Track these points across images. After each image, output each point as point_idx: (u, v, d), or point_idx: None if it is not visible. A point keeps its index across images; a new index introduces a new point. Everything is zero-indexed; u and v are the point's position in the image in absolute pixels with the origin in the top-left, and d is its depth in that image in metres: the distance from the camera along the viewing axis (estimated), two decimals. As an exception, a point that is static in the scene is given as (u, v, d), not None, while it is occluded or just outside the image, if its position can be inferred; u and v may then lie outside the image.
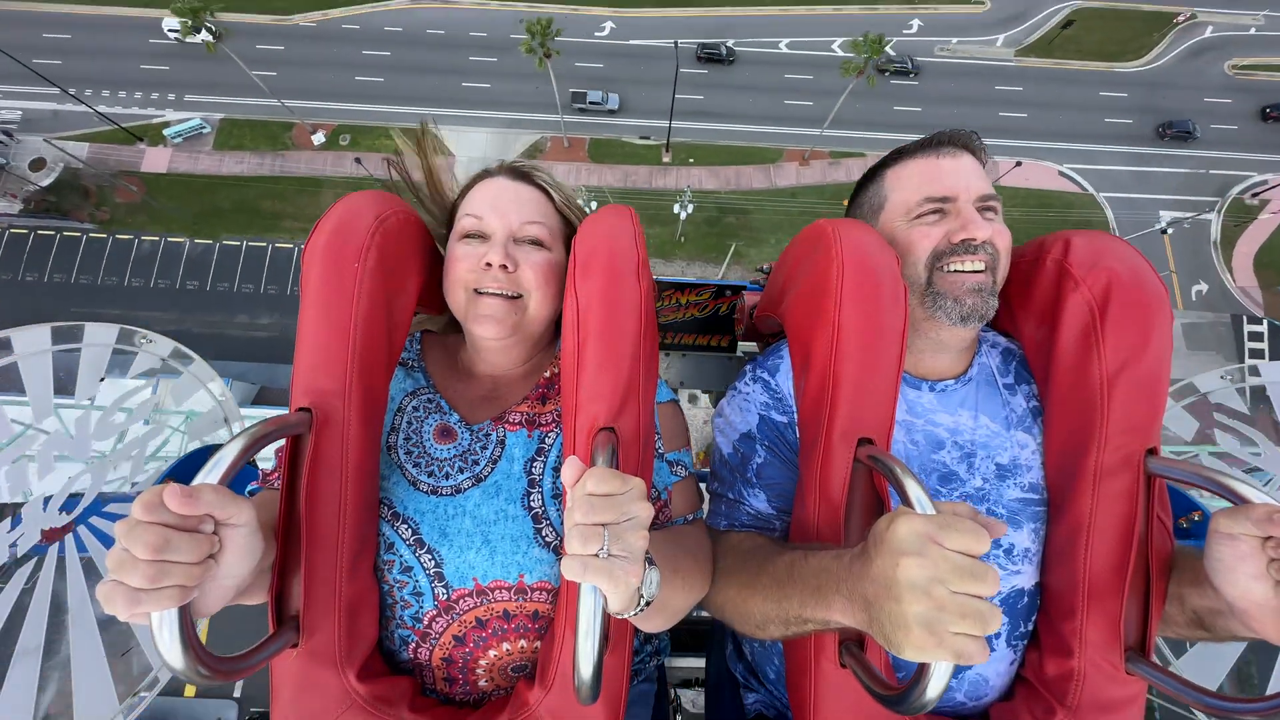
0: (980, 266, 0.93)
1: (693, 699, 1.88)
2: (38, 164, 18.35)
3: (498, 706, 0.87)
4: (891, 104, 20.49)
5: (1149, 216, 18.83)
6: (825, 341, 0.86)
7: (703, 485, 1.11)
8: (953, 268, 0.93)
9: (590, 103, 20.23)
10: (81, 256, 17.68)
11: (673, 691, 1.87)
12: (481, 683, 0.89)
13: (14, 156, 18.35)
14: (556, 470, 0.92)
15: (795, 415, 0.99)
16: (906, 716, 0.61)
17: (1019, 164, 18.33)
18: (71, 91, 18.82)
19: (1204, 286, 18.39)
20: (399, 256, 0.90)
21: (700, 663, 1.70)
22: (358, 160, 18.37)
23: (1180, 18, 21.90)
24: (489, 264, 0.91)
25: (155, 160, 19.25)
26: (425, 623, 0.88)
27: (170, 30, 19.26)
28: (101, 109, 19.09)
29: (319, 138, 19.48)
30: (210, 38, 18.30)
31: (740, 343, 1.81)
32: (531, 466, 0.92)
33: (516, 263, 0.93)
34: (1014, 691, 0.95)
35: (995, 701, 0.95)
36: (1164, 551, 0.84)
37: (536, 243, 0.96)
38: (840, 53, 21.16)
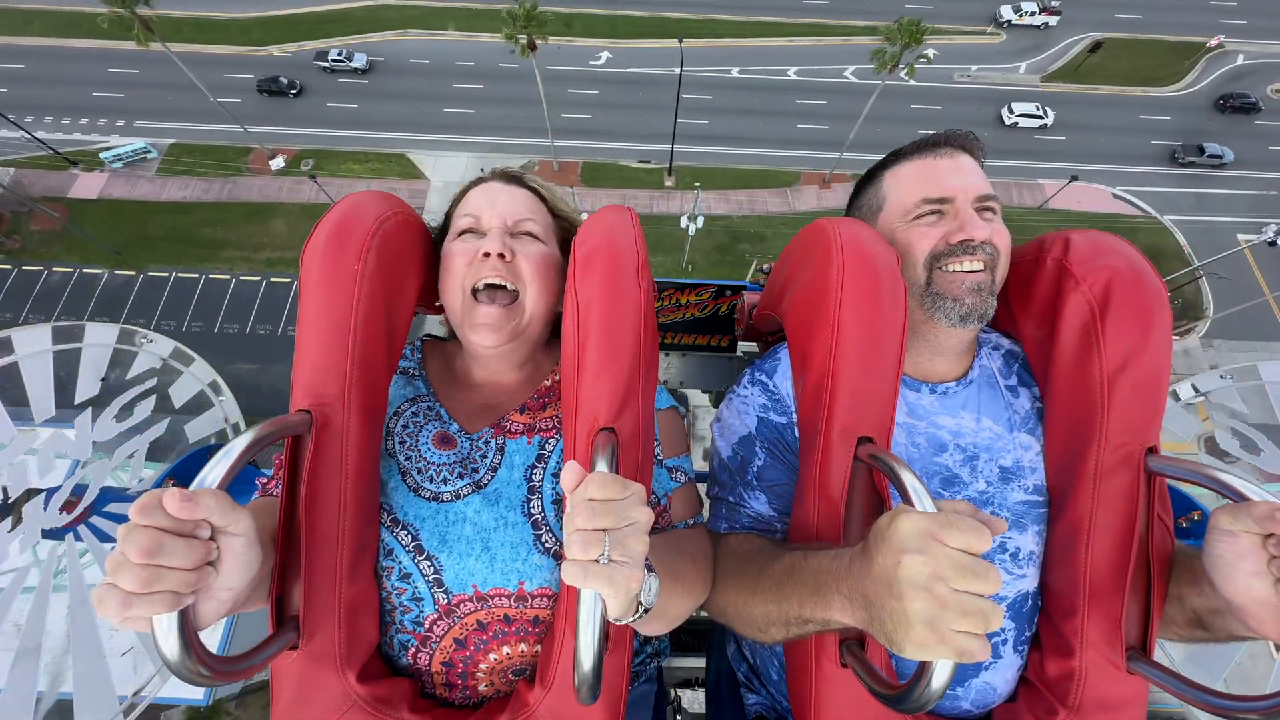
0: (979, 266, 0.92)
1: (692, 699, 1.88)
2: (-54, 189, 16.91)
3: (497, 707, 0.87)
4: (914, 127, 19.57)
5: (1222, 239, 17.88)
6: (825, 339, 0.86)
7: (702, 488, 1.10)
8: (951, 268, 0.93)
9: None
10: (-21, 287, 16.22)
11: (672, 691, 1.87)
12: (481, 686, 0.89)
13: (-75, 181, 16.78)
14: (556, 476, 0.92)
15: (794, 415, 0.98)
16: (907, 715, 0.60)
17: (1074, 179, 17.29)
18: (11, 118, 17.37)
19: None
20: (399, 257, 0.91)
21: (700, 663, 1.70)
22: (313, 178, 17.10)
23: (1212, 43, 22.08)
24: (487, 254, 0.91)
25: (87, 186, 17.71)
26: (426, 626, 0.87)
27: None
28: (40, 134, 18.02)
29: (278, 163, 18.33)
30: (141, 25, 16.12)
31: (740, 343, 1.81)
32: (531, 473, 0.92)
33: (513, 252, 0.93)
34: (1016, 692, 0.95)
35: (999, 704, 0.95)
36: (1165, 550, 0.84)
37: (531, 236, 0.97)
38: (854, 79, 20.90)
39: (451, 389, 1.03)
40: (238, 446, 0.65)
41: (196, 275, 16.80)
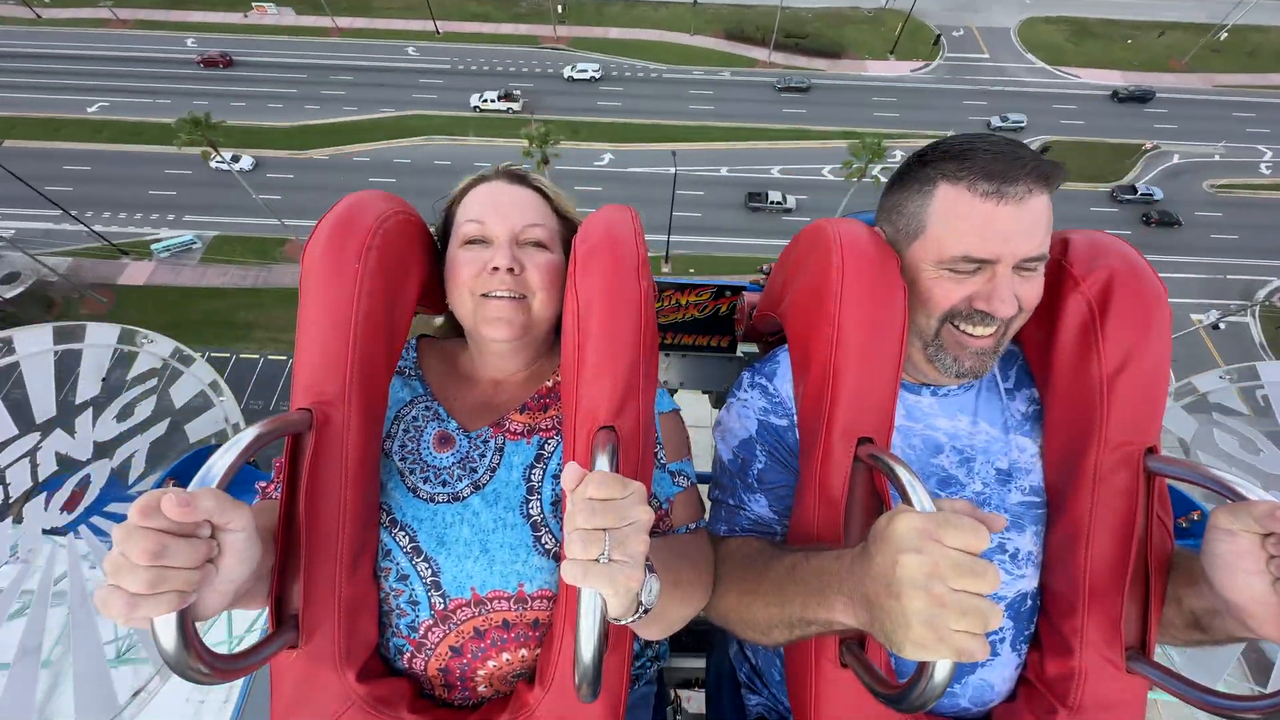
0: (990, 331, 0.88)
1: (693, 699, 1.88)
2: (10, 277, 19.30)
3: (497, 707, 0.87)
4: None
5: (1176, 318, 19.26)
6: (825, 340, 0.86)
7: (703, 488, 1.10)
8: (963, 328, 0.89)
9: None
10: (21, 360, 18.28)
11: (673, 692, 1.87)
12: (481, 688, 0.89)
13: (-9, 269, 18.53)
14: (556, 477, 0.91)
15: (794, 417, 0.98)
16: (907, 715, 0.60)
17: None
18: (73, 213, 19.67)
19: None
20: (399, 256, 0.90)
21: (700, 663, 1.70)
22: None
23: (1148, 145, 25.61)
24: (495, 268, 0.91)
25: (135, 274, 20.13)
26: (421, 632, 0.87)
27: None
28: (98, 228, 20.23)
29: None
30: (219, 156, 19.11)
31: (740, 343, 1.81)
32: (530, 473, 0.92)
33: (522, 265, 0.92)
34: (1016, 692, 0.95)
35: (998, 703, 0.95)
36: (1164, 550, 0.84)
37: (539, 244, 0.96)
38: (830, 177, 23.82)
39: (451, 386, 1.02)
40: (238, 444, 0.65)
41: (228, 355, 18.60)
